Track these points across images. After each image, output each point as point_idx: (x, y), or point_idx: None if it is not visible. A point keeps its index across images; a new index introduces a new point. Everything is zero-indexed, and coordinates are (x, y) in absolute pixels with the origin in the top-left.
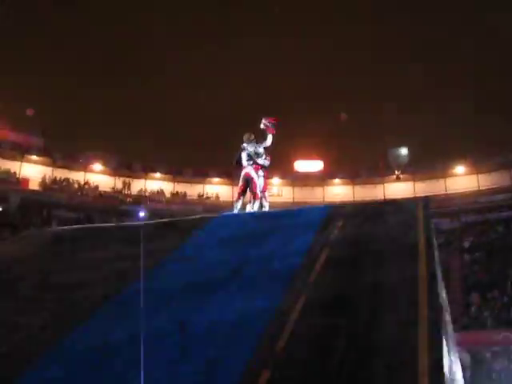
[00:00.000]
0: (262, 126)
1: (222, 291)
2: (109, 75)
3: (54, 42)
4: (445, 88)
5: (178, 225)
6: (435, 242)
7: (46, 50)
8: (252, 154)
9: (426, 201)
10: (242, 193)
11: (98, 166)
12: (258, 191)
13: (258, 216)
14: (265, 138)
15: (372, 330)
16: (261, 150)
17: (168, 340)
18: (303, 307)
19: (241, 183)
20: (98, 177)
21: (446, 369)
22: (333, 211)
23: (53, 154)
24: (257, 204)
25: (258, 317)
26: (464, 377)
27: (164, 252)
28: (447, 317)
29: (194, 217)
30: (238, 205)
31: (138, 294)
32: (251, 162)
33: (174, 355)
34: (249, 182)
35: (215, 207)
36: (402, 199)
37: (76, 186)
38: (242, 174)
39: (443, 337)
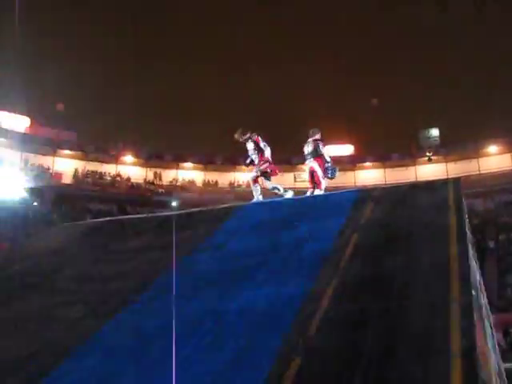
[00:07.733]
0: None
1: (253, 278)
2: (136, 67)
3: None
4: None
5: (209, 214)
6: (467, 224)
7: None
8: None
9: (457, 181)
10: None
11: (129, 158)
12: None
13: (288, 202)
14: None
15: (403, 314)
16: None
17: (200, 327)
18: (334, 292)
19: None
20: (130, 168)
21: (479, 352)
22: (363, 195)
23: (85, 147)
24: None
25: (289, 303)
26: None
27: (195, 241)
28: (482, 299)
29: (224, 205)
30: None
31: (170, 283)
32: (310, 157)
33: (207, 342)
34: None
35: (247, 195)
36: (433, 181)
37: (108, 178)
38: (307, 168)
39: (475, 320)
